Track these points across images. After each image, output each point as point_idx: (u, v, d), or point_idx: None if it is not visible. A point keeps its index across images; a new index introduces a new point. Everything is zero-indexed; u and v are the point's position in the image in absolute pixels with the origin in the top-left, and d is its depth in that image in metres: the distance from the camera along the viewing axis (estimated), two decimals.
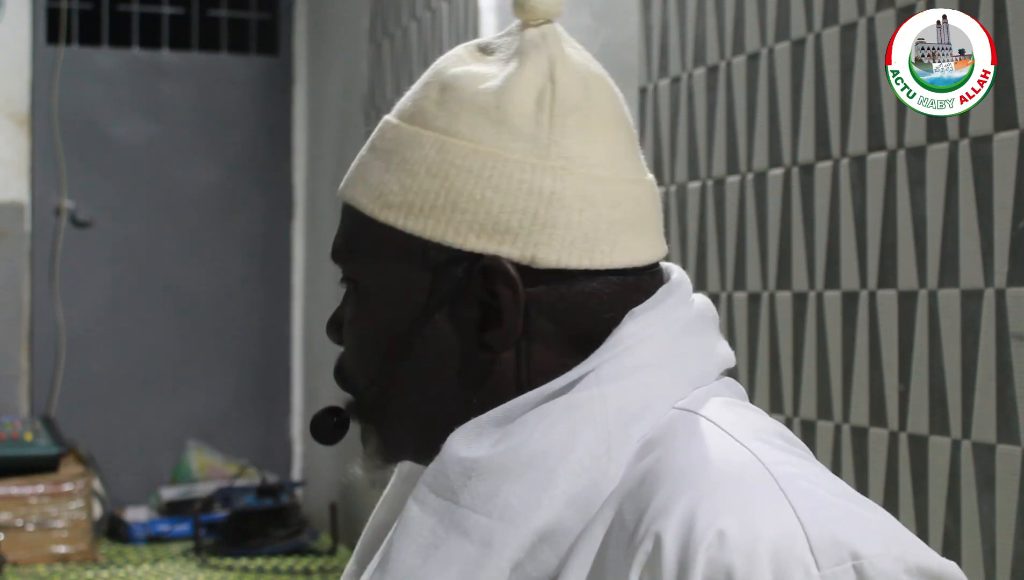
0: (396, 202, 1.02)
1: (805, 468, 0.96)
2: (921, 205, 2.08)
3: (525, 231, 1.00)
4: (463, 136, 1.02)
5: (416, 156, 1.02)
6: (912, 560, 0.90)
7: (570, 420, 0.97)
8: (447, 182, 1.01)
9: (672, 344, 1.02)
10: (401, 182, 1.02)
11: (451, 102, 1.03)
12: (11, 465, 4.38)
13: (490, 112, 1.02)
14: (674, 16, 2.74)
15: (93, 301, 5.12)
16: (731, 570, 0.87)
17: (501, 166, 1.01)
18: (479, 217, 1.00)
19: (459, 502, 0.97)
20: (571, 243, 1.00)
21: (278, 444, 5.33)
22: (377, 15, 4.65)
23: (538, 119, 1.02)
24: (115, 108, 5.20)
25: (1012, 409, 1.89)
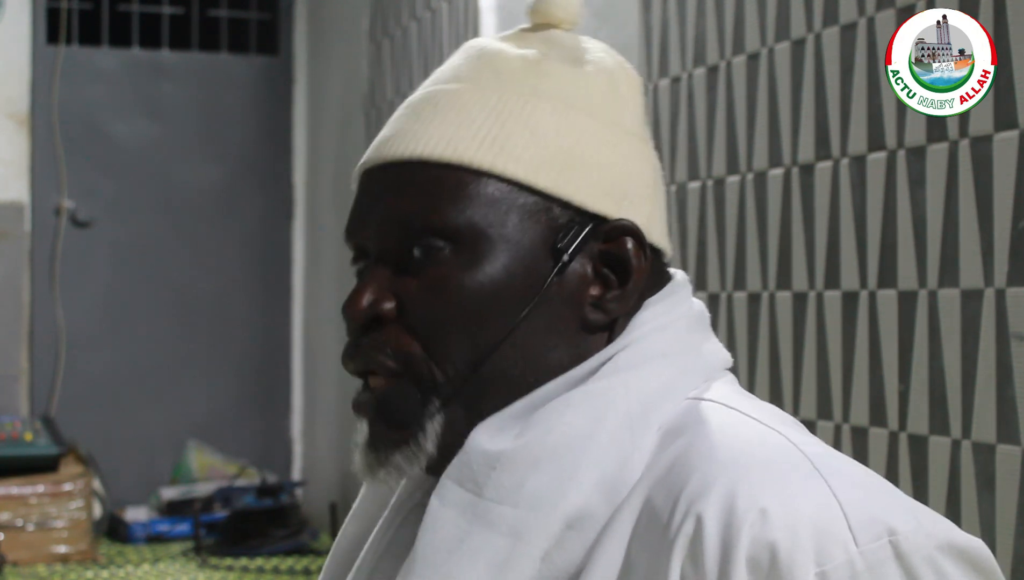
0: (523, 157, 1.00)
1: (830, 450, 0.99)
2: (921, 205, 2.08)
3: (641, 200, 1.03)
4: (580, 105, 1.02)
5: (541, 119, 1.01)
6: (943, 536, 0.92)
7: (592, 408, 0.98)
8: (578, 142, 1.01)
9: (683, 337, 1.04)
10: (525, 139, 1.00)
11: (554, 72, 1.03)
12: (11, 465, 4.38)
13: (603, 85, 1.04)
14: (674, 16, 2.75)
15: (93, 301, 5.12)
16: (775, 547, 0.88)
17: (623, 136, 1.04)
18: (606, 180, 1.01)
19: (483, 495, 0.97)
20: (661, 224, 1.06)
21: (278, 444, 5.33)
22: (377, 15, 4.65)
23: (634, 103, 1.06)
24: (115, 108, 5.20)
25: (1012, 409, 1.89)
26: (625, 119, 1.05)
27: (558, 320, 1.01)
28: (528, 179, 0.99)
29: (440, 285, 0.99)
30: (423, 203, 1.00)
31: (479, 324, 0.99)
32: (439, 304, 0.99)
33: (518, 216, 1.00)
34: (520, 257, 1.00)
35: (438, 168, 1.00)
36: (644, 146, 1.06)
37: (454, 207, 0.99)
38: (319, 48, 5.28)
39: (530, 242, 1.00)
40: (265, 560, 4.39)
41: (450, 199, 0.99)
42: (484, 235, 0.99)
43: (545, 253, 1.00)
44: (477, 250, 0.99)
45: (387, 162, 1.02)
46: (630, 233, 1.01)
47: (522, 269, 1.00)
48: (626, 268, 1.01)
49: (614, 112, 1.04)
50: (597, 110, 1.03)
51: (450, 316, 0.99)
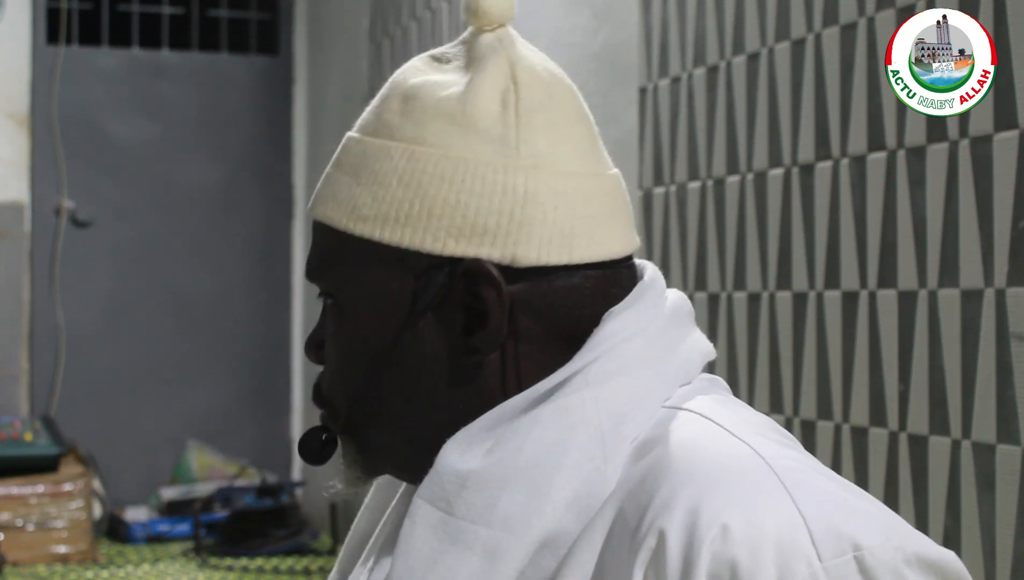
0: (370, 214, 1.02)
1: (802, 462, 0.97)
2: (921, 205, 2.08)
3: (503, 231, 1.00)
4: (431, 143, 1.02)
5: (386, 167, 1.03)
6: (911, 550, 0.91)
7: (562, 424, 0.97)
8: (420, 190, 1.01)
9: (654, 342, 1.02)
10: (373, 194, 1.02)
11: (415, 111, 1.03)
12: (11, 465, 4.38)
13: (456, 117, 1.02)
14: (674, 16, 2.74)
15: (93, 301, 5.12)
16: (735, 563, 0.88)
17: (473, 169, 1.01)
18: (456, 221, 1.00)
19: (454, 513, 0.97)
20: (549, 240, 1.01)
21: (278, 444, 5.33)
22: (377, 15, 4.65)
23: (504, 120, 1.02)
24: (115, 108, 5.20)
25: (1012, 409, 1.89)
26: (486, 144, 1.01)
27: (427, 361, 1.03)
28: (375, 236, 1.02)
29: (330, 339, 1.08)
30: (313, 262, 1.08)
31: (353, 373, 1.06)
32: (330, 353, 1.08)
33: (374, 270, 1.03)
34: (379, 309, 1.04)
35: (322, 230, 1.07)
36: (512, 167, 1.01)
37: (328, 268, 1.06)
38: (319, 48, 5.28)
39: (388, 293, 1.03)
40: (265, 560, 4.39)
41: (325, 258, 1.06)
42: (346, 290, 1.05)
43: (407, 302, 1.03)
44: (343, 305, 1.06)
45: None
46: (478, 273, 1.00)
47: (382, 320, 1.04)
48: (480, 309, 1.01)
49: (468, 143, 1.01)
50: (450, 147, 1.01)
51: (331, 362, 1.08)
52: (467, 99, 1.02)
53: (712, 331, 2.62)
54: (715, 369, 2.60)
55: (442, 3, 4.01)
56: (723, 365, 2.58)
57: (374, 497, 1.18)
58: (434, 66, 1.08)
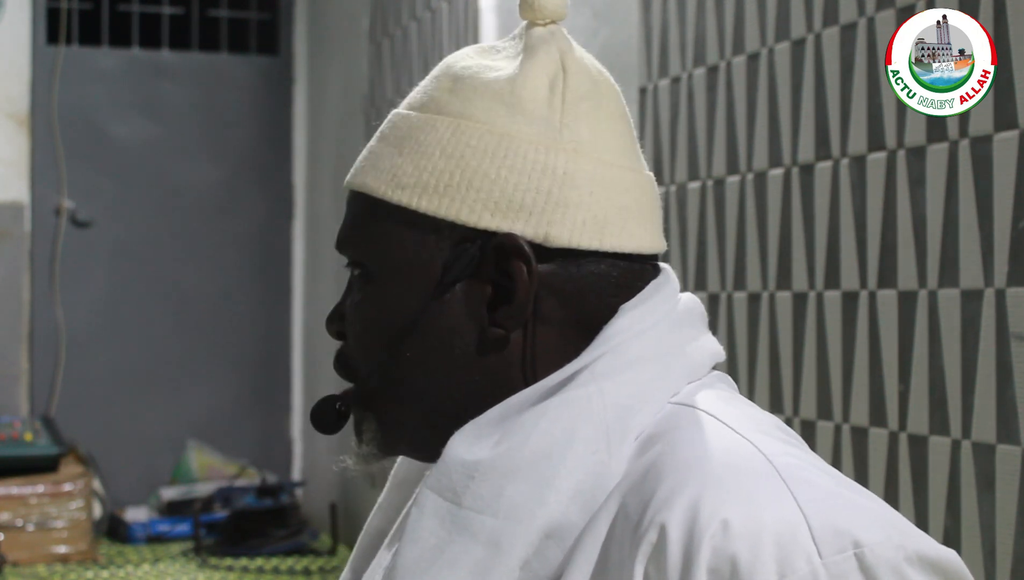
0: (410, 183, 1.03)
1: (805, 459, 0.98)
2: (921, 205, 2.08)
3: (539, 209, 1.02)
4: (477, 119, 1.03)
5: (430, 139, 1.04)
6: (912, 548, 0.91)
7: (568, 417, 0.98)
8: (462, 162, 1.02)
9: (664, 339, 1.04)
10: (415, 163, 1.04)
11: (464, 89, 1.05)
12: (11, 465, 4.38)
13: (504, 96, 1.04)
14: (674, 16, 2.74)
15: (93, 301, 5.12)
16: (735, 559, 0.88)
17: (515, 146, 1.03)
18: (493, 195, 1.02)
19: (462, 503, 0.98)
20: (583, 223, 1.02)
21: (278, 444, 5.33)
22: (377, 15, 4.65)
23: (551, 103, 1.04)
24: (115, 108, 5.20)
25: (1012, 409, 1.89)
26: (531, 124, 1.03)
27: (452, 334, 1.03)
28: (412, 204, 1.04)
29: (355, 307, 1.08)
30: (347, 232, 1.09)
31: (377, 342, 1.06)
32: (355, 326, 1.08)
33: (408, 237, 1.04)
34: (410, 278, 1.04)
35: (360, 197, 1.08)
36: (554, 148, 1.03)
37: (361, 236, 1.07)
38: (319, 48, 5.28)
39: (420, 263, 1.04)
40: (265, 560, 4.39)
41: (359, 228, 1.07)
42: (377, 259, 1.06)
43: (437, 273, 1.03)
44: (372, 274, 1.06)
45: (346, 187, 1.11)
46: (514, 247, 1.01)
47: (412, 289, 1.04)
48: (508, 283, 1.02)
49: (513, 121, 1.03)
50: (495, 122, 1.04)
51: (360, 336, 1.08)
52: (516, 80, 1.04)
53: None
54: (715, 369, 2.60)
55: (442, 3, 4.01)
56: (723, 365, 2.58)
57: (387, 497, 1.18)
58: (486, 54, 1.09)
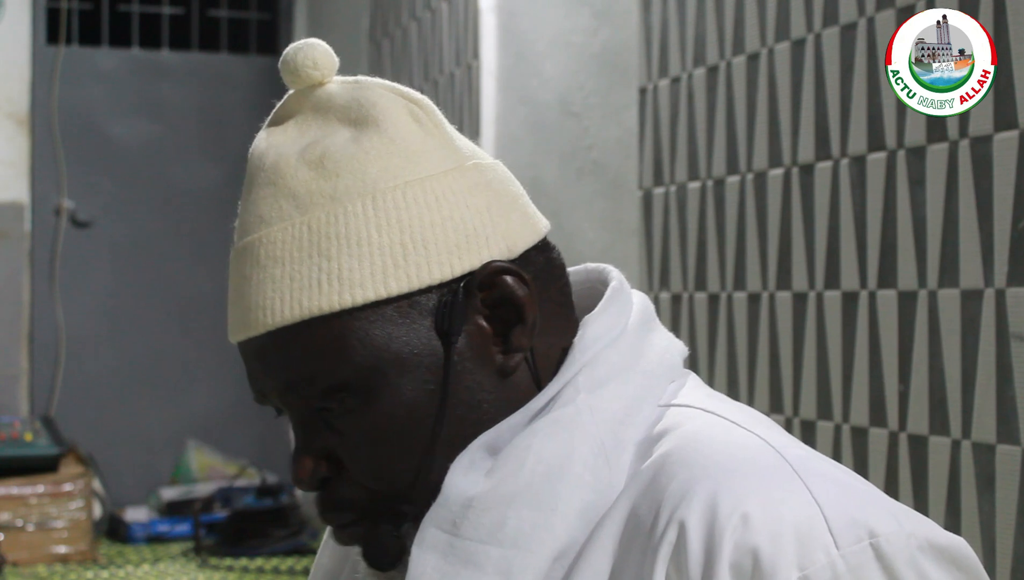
0: (364, 277, 0.97)
1: (809, 451, 0.98)
2: (921, 205, 2.07)
3: (490, 229, 1.00)
4: (385, 182, 0.98)
5: (351, 227, 0.97)
6: (923, 536, 0.92)
7: (561, 437, 0.97)
8: (403, 226, 0.97)
9: (635, 345, 1.03)
10: (356, 257, 0.97)
11: (340, 167, 0.99)
12: (11, 465, 4.38)
13: (390, 150, 0.99)
14: (674, 16, 2.74)
15: (93, 301, 5.12)
16: (757, 552, 0.88)
17: (438, 184, 0.99)
18: (450, 239, 0.98)
19: (461, 535, 0.96)
20: (521, 224, 1.02)
21: (278, 444, 5.33)
22: (377, 15, 4.65)
23: (428, 133, 1.01)
24: (115, 108, 5.20)
25: (1012, 409, 1.89)
26: (429, 164, 1.00)
27: (477, 389, 0.99)
28: (379, 295, 0.96)
29: (359, 434, 0.99)
30: (302, 371, 0.98)
31: (409, 448, 0.98)
32: (367, 451, 0.99)
33: (389, 330, 0.97)
34: (414, 364, 0.98)
35: (295, 331, 0.97)
36: (460, 172, 1.01)
37: (329, 362, 0.97)
38: None
39: (415, 344, 0.98)
40: (265, 560, 4.39)
41: (322, 356, 0.97)
42: (370, 369, 0.97)
43: (435, 342, 0.98)
44: (371, 385, 0.98)
45: (247, 338, 1.00)
46: (501, 271, 0.99)
47: (422, 373, 0.98)
48: (516, 304, 0.99)
49: (416, 167, 0.99)
50: (400, 177, 0.98)
51: (381, 457, 0.99)
52: (387, 131, 1.00)
53: (712, 331, 2.62)
54: (715, 369, 2.60)
55: (442, 3, 4.01)
56: (723, 365, 2.58)
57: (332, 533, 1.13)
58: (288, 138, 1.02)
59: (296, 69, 1.03)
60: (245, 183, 1.03)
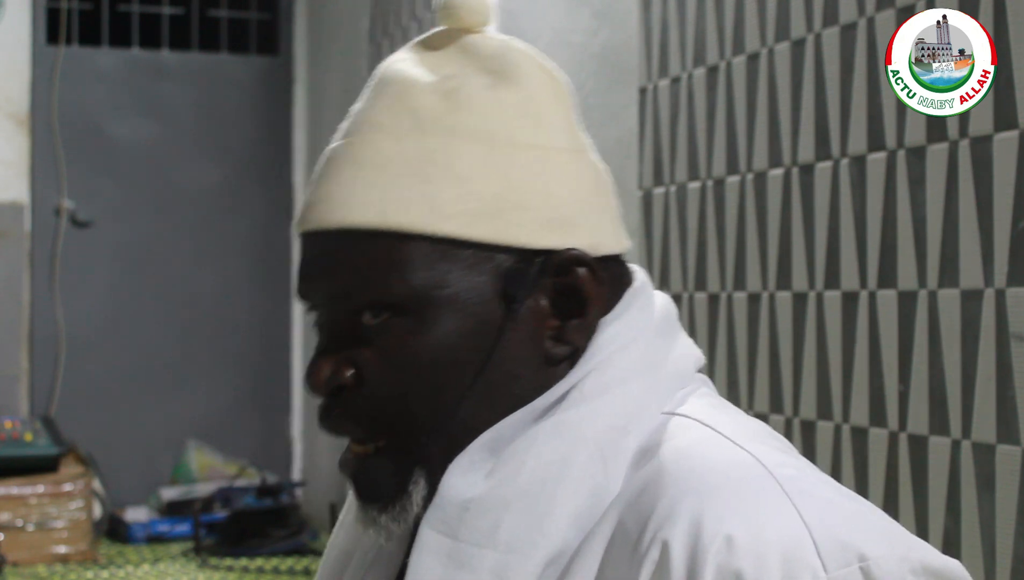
0: (455, 211, 0.96)
1: (804, 470, 0.96)
2: (921, 205, 2.08)
3: (583, 218, 1.00)
4: (503, 137, 0.99)
5: (462, 163, 0.97)
6: (916, 560, 0.90)
7: (561, 442, 0.96)
8: (506, 182, 0.97)
9: (649, 350, 1.01)
10: (455, 191, 0.96)
11: (471, 106, 0.99)
12: (11, 465, 4.38)
13: (522, 110, 1.00)
14: (674, 16, 2.74)
15: (93, 301, 5.12)
16: (741, 575, 0.87)
17: (554, 158, 1.00)
18: (544, 213, 0.98)
19: (459, 538, 0.95)
20: (610, 230, 1.02)
21: (278, 444, 5.33)
22: (377, 15, 4.65)
23: (560, 112, 1.02)
24: (115, 108, 5.20)
25: (1012, 409, 1.89)
26: (553, 136, 1.00)
27: (519, 363, 0.98)
28: (463, 234, 0.96)
29: (393, 356, 0.98)
30: (363, 276, 0.97)
31: (438, 388, 0.97)
32: (395, 375, 0.98)
33: (460, 272, 0.97)
34: (469, 313, 0.97)
35: (370, 237, 0.97)
36: (576, 158, 1.02)
37: (394, 276, 0.97)
38: (319, 48, 5.28)
39: (477, 295, 0.97)
40: (265, 560, 4.39)
41: (388, 268, 0.97)
42: (427, 299, 0.97)
43: (496, 302, 0.97)
44: (424, 315, 0.97)
45: (319, 229, 0.99)
46: (580, 262, 0.98)
47: (473, 324, 0.97)
48: (582, 297, 0.99)
49: (540, 133, 1.00)
50: (521, 137, 0.99)
51: (408, 386, 0.98)
52: (523, 91, 1.01)
53: (712, 331, 2.62)
54: (715, 369, 2.60)
55: None
56: (723, 365, 2.58)
57: (349, 512, 1.13)
58: (430, 64, 1.04)
59: (455, 11, 1.05)
60: (367, 91, 1.04)
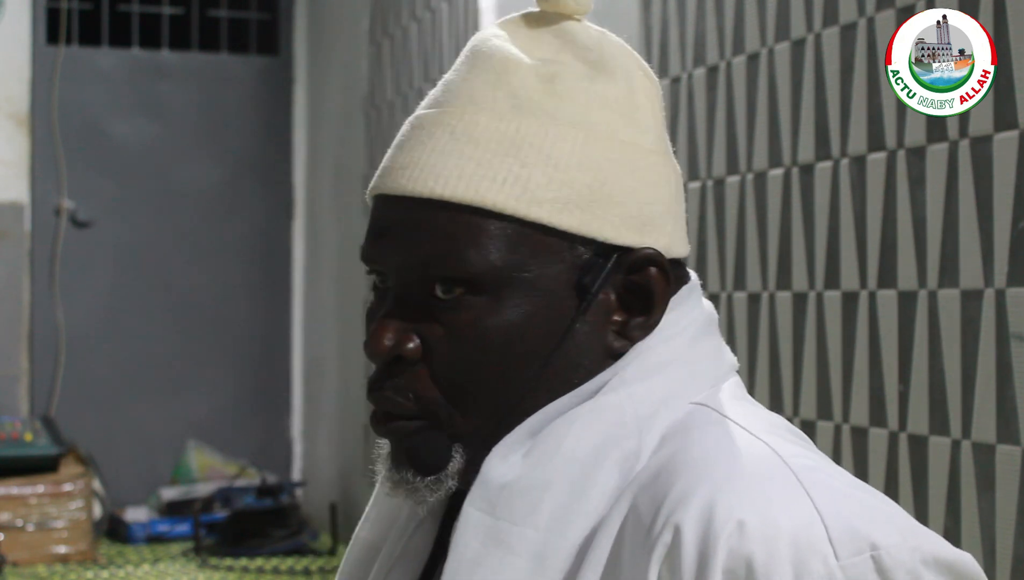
0: (547, 197, 0.97)
1: (819, 461, 0.98)
2: (921, 205, 2.08)
3: (663, 220, 1.02)
4: (600, 129, 0.99)
5: (559, 149, 0.98)
6: (928, 550, 0.91)
7: (599, 423, 0.97)
8: (600, 175, 0.98)
9: (691, 345, 1.03)
10: (549, 177, 0.97)
11: (571, 94, 1.00)
12: (11, 465, 4.38)
13: (619, 106, 1.01)
14: (674, 16, 2.74)
15: (93, 301, 5.12)
16: (751, 560, 0.88)
17: (643, 158, 1.01)
18: (631, 210, 0.99)
19: (498, 516, 0.96)
20: (680, 235, 1.05)
21: (278, 444, 5.33)
22: (377, 15, 4.65)
23: (652, 114, 1.03)
24: (115, 108, 5.20)
25: (1012, 409, 1.89)
26: (645, 136, 1.02)
27: (583, 353, 1.00)
28: (552, 221, 0.97)
29: (463, 333, 0.98)
30: (443, 247, 0.97)
31: (504, 372, 0.98)
32: (463, 353, 0.98)
33: (541, 258, 0.98)
34: (544, 299, 0.98)
35: (458, 210, 0.97)
36: (664, 160, 1.03)
37: (475, 252, 0.97)
38: (319, 48, 5.28)
39: (553, 282, 0.98)
40: (265, 560, 4.39)
41: (471, 244, 0.97)
42: (506, 279, 0.97)
43: (569, 291, 0.99)
44: (500, 295, 0.97)
45: (404, 194, 0.99)
46: (654, 262, 1.00)
47: (546, 311, 0.98)
48: (650, 296, 1.00)
49: (634, 130, 1.01)
50: (617, 132, 1.00)
51: (475, 365, 0.98)
52: (621, 87, 1.01)
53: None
54: None
55: (442, 3, 4.01)
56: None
57: (375, 507, 1.14)
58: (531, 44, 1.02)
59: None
60: (461, 62, 1.03)
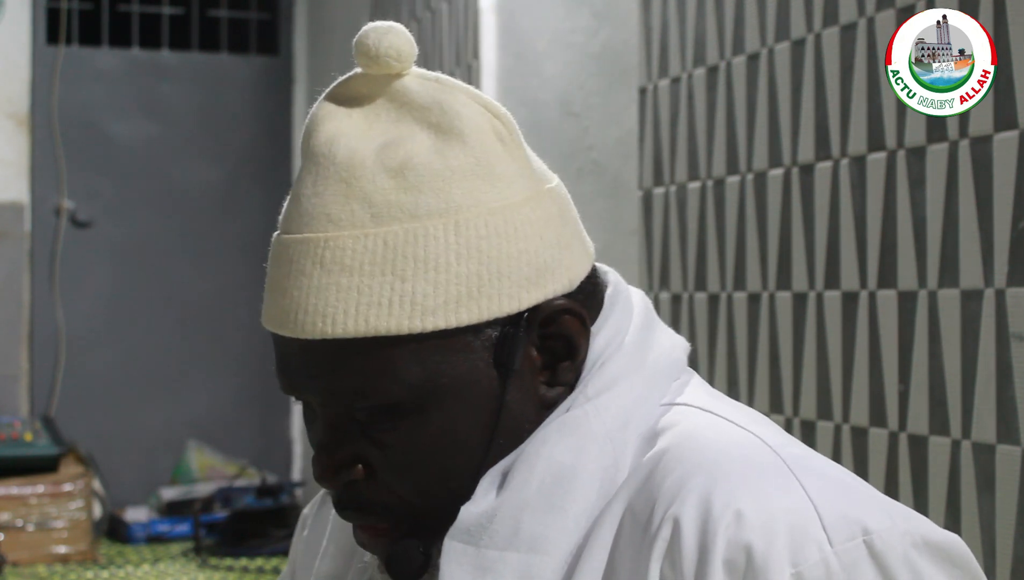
0: (438, 304, 0.94)
1: (806, 450, 0.99)
2: (921, 205, 2.08)
3: (556, 261, 0.99)
4: (467, 207, 0.95)
5: (432, 249, 0.94)
6: (918, 533, 0.93)
7: (571, 439, 0.98)
8: (481, 257, 0.95)
9: (638, 346, 1.03)
10: (432, 282, 0.94)
11: (424, 181, 0.95)
12: (11, 465, 4.38)
13: (474, 171, 0.96)
14: (674, 16, 2.74)
15: (93, 301, 5.12)
16: (751, 548, 0.89)
17: (516, 215, 0.97)
18: (523, 272, 0.96)
19: (480, 544, 0.96)
20: (580, 253, 1.02)
21: (278, 444, 5.33)
22: (377, 15, 4.65)
23: (511, 156, 0.99)
24: (115, 108, 5.20)
25: (1012, 409, 1.89)
26: (511, 188, 0.97)
27: (522, 416, 0.99)
28: (450, 324, 0.95)
29: (399, 450, 0.98)
30: (357, 382, 0.96)
31: (451, 468, 0.98)
32: (404, 466, 0.98)
33: (452, 358, 0.96)
34: (468, 393, 0.97)
35: (354, 344, 0.95)
36: (536, 201, 0.99)
37: (388, 380, 0.95)
38: (319, 48, 5.28)
39: (472, 374, 0.97)
40: (265, 560, 4.39)
41: (381, 374, 0.95)
42: (427, 392, 0.96)
43: (490, 372, 0.97)
44: (424, 408, 0.96)
45: (297, 338, 0.97)
46: (564, 310, 0.98)
47: (474, 402, 0.97)
48: (570, 340, 0.99)
49: (499, 190, 0.97)
50: (483, 201, 0.96)
51: (420, 474, 0.98)
52: (472, 148, 0.97)
53: (712, 331, 2.62)
54: (715, 369, 2.60)
55: (442, 3, 4.01)
56: (723, 365, 2.58)
57: (332, 542, 1.13)
58: (367, 131, 0.99)
59: (376, 57, 1.00)
60: (307, 168, 0.98)
